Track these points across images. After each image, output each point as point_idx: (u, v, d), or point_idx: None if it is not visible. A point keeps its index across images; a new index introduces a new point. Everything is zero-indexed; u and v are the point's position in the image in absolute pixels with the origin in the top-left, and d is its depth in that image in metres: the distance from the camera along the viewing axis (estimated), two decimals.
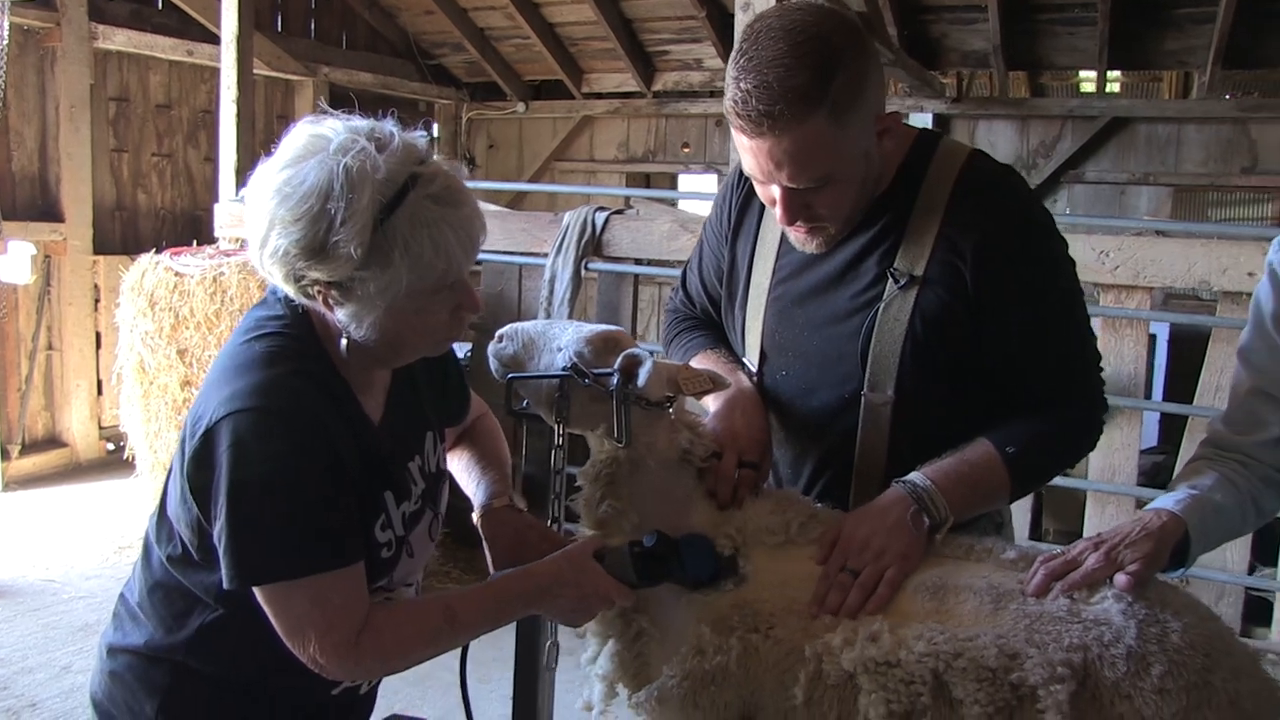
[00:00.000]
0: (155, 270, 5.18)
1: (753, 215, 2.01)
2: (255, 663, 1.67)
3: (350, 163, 1.46)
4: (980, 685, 1.45)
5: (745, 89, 1.63)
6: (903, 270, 1.78)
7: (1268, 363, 1.82)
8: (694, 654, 1.64)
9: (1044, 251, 1.82)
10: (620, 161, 9.96)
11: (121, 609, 1.78)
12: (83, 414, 7.14)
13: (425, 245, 1.50)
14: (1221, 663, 1.45)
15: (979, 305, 1.77)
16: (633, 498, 1.77)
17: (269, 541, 1.50)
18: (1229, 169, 7.84)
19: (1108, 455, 4.58)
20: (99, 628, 4.57)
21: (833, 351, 1.86)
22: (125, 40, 7.27)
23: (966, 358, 1.81)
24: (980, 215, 1.77)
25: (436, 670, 4.03)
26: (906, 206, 1.82)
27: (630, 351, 1.76)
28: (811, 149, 1.66)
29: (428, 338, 1.63)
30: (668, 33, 8.82)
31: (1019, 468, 1.78)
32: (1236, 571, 4.42)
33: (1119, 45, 7.41)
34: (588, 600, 1.65)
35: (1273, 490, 1.84)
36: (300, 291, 1.56)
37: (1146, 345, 4.55)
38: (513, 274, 5.26)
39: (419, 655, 1.63)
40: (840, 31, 1.66)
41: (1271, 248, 1.81)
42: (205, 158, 8.04)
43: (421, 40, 9.66)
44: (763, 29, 1.66)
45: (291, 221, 1.47)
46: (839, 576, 1.65)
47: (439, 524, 1.87)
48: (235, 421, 1.48)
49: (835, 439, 1.89)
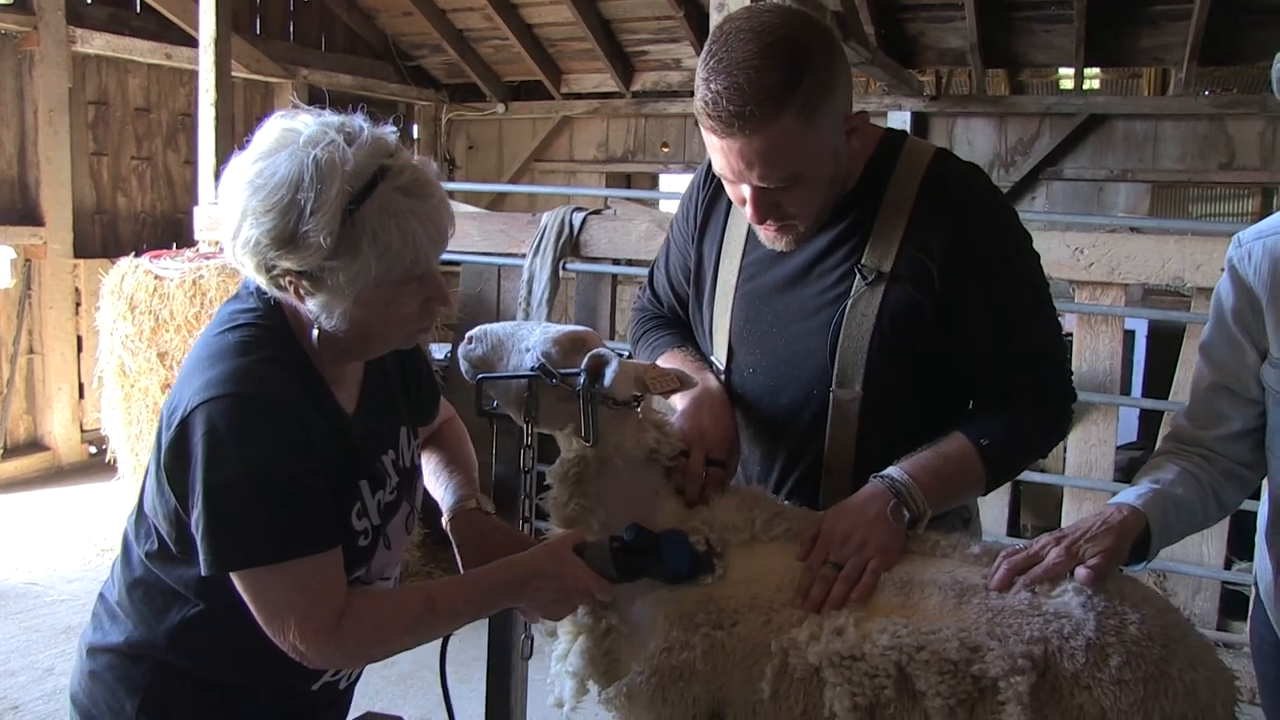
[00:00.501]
0: (135, 273, 5.19)
1: (719, 213, 2.02)
2: (235, 657, 1.68)
3: (320, 154, 1.49)
4: (942, 677, 1.48)
5: (716, 90, 1.64)
6: (870, 266, 1.81)
7: (1228, 358, 1.85)
8: (662, 650, 1.65)
9: (1011, 247, 1.85)
10: (600, 161, 9.96)
11: (100, 608, 1.79)
12: (64, 417, 7.13)
13: (393, 235, 1.52)
14: (1178, 653, 1.47)
15: (947, 301, 1.79)
16: (600, 496, 1.78)
17: (246, 527, 1.51)
18: (1206, 165, 7.89)
19: (1084, 451, 4.62)
20: (81, 630, 4.58)
21: (800, 347, 1.88)
22: (104, 44, 7.26)
23: (934, 353, 1.84)
24: (948, 212, 1.80)
25: (418, 670, 4.06)
26: (873, 204, 1.84)
27: (596, 351, 1.77)
28: (781, 149, 1.68)
29: (398, 329, 1.65)
30: (646, 33, 8.84)
31: (994, 460, 1.81)
32: (1213, 566, 4.46)
33: (1096, 43, 7.45)
34: (567, 593, 1.66)
35: (1234, 483, 1.88)
36: (272, 282, 1.58)
37: (1121, 341, 4.58)
38: (491, 275, 5.27)
39: (399, 643, 1.63)
40: (808, 33, 1.69)
41: (1230, 245, 1.84)
42: (185, 161, 8.04)
43: (400, 42, 9.66)
44: (732, 30, 1.68)
45: (263, 212, 1.50)
46: (822, 570, 1.66)
47: (415, 518, 1.88)
48: (209, 409, 1.50)
49: (804, 435, 1.91)
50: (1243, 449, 1.87)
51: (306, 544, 1.54)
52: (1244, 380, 1.84)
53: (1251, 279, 1.80)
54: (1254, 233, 1.82)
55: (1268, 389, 1.81)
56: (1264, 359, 1.81)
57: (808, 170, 1.74)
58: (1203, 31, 6.95)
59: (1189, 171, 7.95)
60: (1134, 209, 8.11)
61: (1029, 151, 8.34)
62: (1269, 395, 1.81)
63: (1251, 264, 1.79)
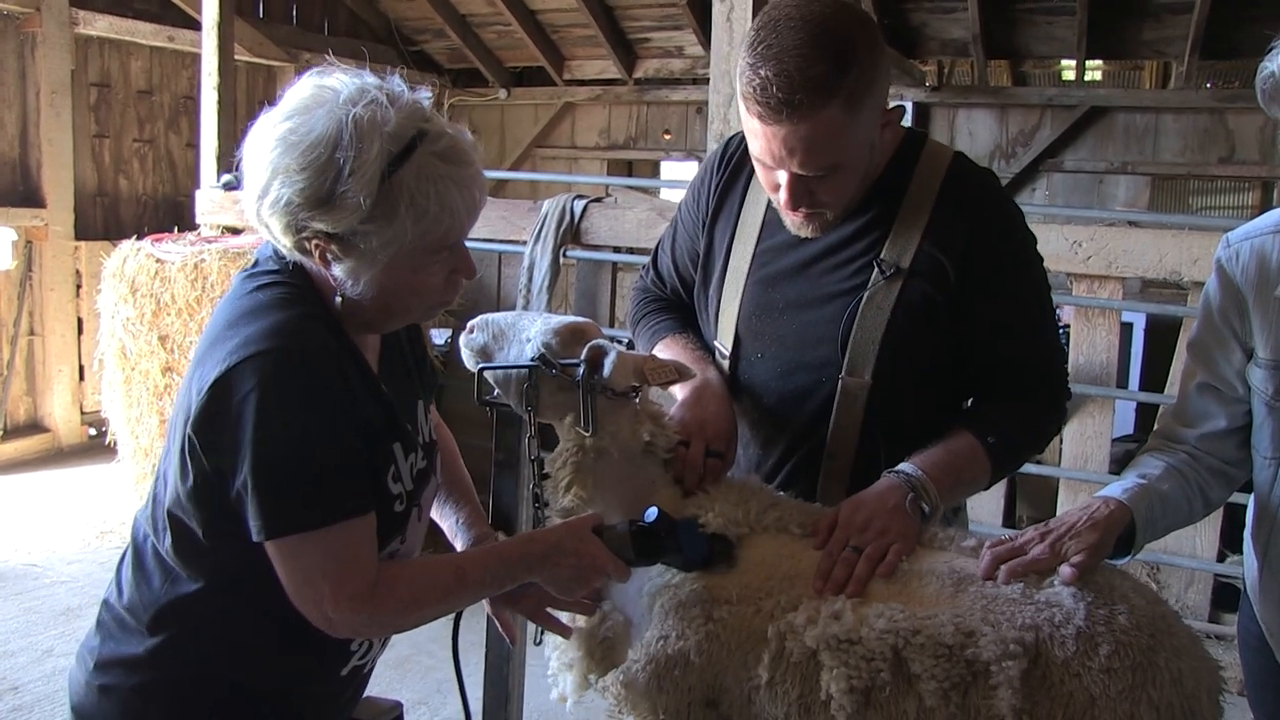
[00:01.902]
0: (137, 256, 5.20)
1: (734, 198, 2.04)
2: (266, 651, 1.64)
3: (361, 113, 1.45)
4: (937, 661, 1.51)
5: (765, 75, 1.66)
6: (889, 261, 1.85)
7: (1215, 357, 1.88)
8: (658, 639, 1.68)
9: (1024, 251, 1.92)
10: (602, 148, 9.97)
11: (106, 616, 1.69)
12: (64, 399, 7.15)
13: (431, 201, 1.48)
14: (1165, 643, 1.51)
15: (962, 300, 1.85)
16: (598, 485, 1.80)
17: (296, 489, 1.47)
18: (1207, 158, 7.90)
19: (1080, 443, 4.65)
20: (81, 612, 4.62)
21: (812, 335, 1.92)
22: (106, 26, 7.26)
23: (942, 348, 1.90)
24: (967, 214, 1.86)
25: (415, 654, 4.09)
26: (895, 200, 1.88)
27: (595, 343, 1.79)
28: (825, 138, 1.71)
29: (421, 299, 1.61)
30: (649, 20, 8.83)
31: (999, 456, 1.87)
32: (1205, 558, 4.49)
33: (1097, 35, 7.45)
34: (585, 571, 1.64)
35: (1220, 480, 1.90)
36: (297, 245, 1.52)
37: (1118, 334, 4.60)
38: (492, 261, 5.29)
39: (431, 611, 1.60)
40: (856, 24, 1.73)
41: (1219, 245, 1.87)
42: (187, 144, 8.03)
43: (403, 26, 9.65)
44: (781, 18, 1.71)
45: (297, 170, 1.45)
46: (844, 554, 1.69)
47: (436, 491, 1.86)
48: (254, 365, 1.44)
49: (810, 420, 1.94)
50: (1228, 447, 1.90)
51: (351, 507, 1.50)
52: (1230, 379, 1.87)
53: (1239, 279, 1.82)
54: (1242, 233, 1.85)
55: (1253, 388, 1.83)
56: (1249, 358, 1.83)
57: (846, 160, 1.78)
58: (1204, 25, 6.96)
59: (1189, 164, 7.97)
60: (1134, 201, 8.12)
61: (1030, 143, 8.36)
62: (1254, 394, 1.83)
63: (1239, 264, 1.82)
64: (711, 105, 4.47)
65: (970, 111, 8.53)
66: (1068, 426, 4.71)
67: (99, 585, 4.88)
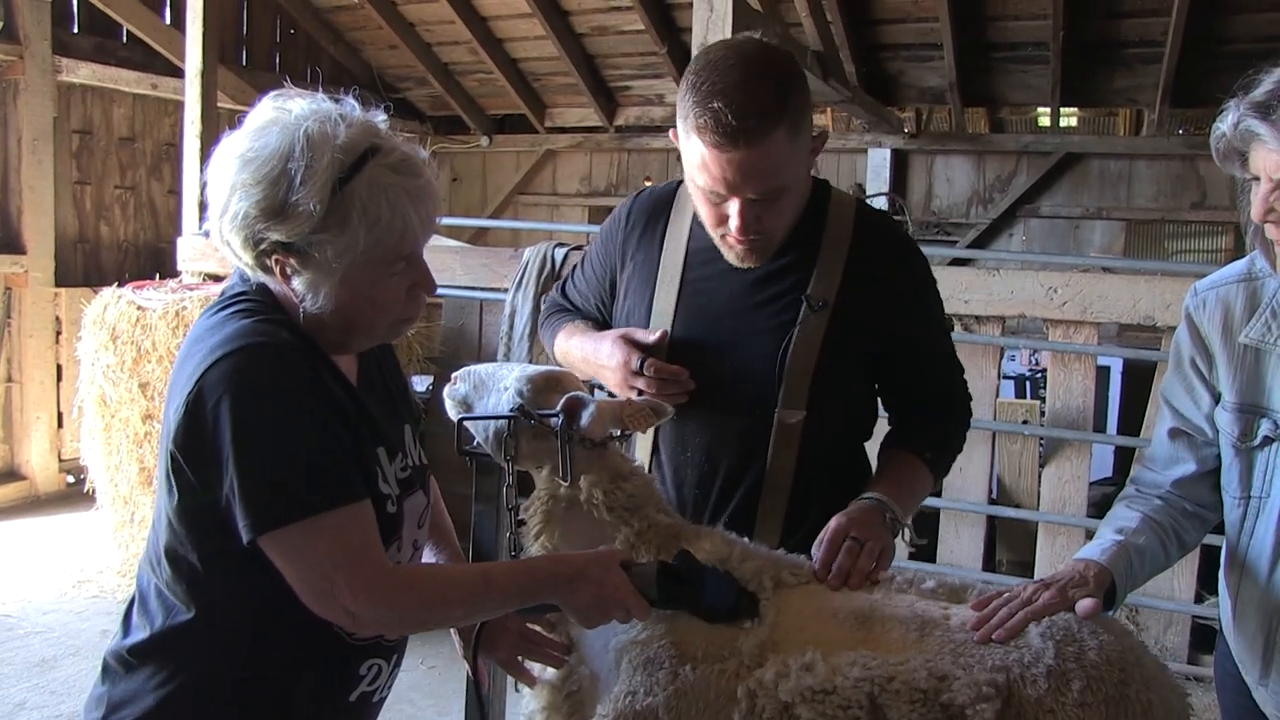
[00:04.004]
0: (117, 304, 5.20)
1: (650, 246, 2.13)
2: (276, 672, 1.63)
3: (313, 127, 1.50)
4: (913, 706, 1.52)
5: (716, 107, 1.77)
6: (817, 297, 1.97)
7: (1185, 403, 1.94)
8: (625, 695, 1.66)
9: (931, 282, 2.12)
10: (583, 195, 10.05)
11: (113, 661, 1.68)
12: (42, 447, 7.10)
13: (383, 209, 1.52)
14: (1135, 675, 1.54)
15: (885, 330, 2.02)
16: (565, 536, 1.81)
17: (283, 477, 1.47)
18: (1179, 204, 8.03)
19: (1058, 487, 4.68)
20: (56, 663, 4.57)
21: (745, 371, 2.00)
22: (89, 73, 7.30)
23: (864, 376, 2.08)
24: (883, 252, 2.05)
25: (397, 703, 4.04)
26: (813, 240, 2.01)
27: (573, 394, 1.81)
28: (775, 160, 1.82)
29: (383, 314, 1.63)
30: (629, 68, 8.94)
31: (938, 468, 2.11)
32: (1184, 600, 4.52)
33: (1071, 83, 7.58)
34: (606, 602, 1.63)
35: (1195, 523, 1.96)
36: (258, 260, 1.56)
37: (1094, 379, 4.65)
38: (474, 309, 5.31)
39: (454, 611, 1.62)
40: (786, 59, 1.89)
41: (1188, 294, 1.92)
42: (169, 190, 8.05)
43: (386, 74, 9.73)
44: (718, 59, 1.84)
45: (253, 185, 1.50)
46: (847, 544, 1.78)
47: (429, 514, 1.85)
48: (227, 363, 1.47)
49: (746, 455, 2.01)
50: (1201, 490, 1.95)
51: (344, 491, 1.50)
52: (1199, 424, 1.92)
53: (1206, 327, 1.88)
54: (1208, 283, 1.91)
55: (1220, 431, 1.88)
56: (1217, 402, 1.88)
57: (792, 182, 1.90)
58: (1174, 74, 7.09)
59: (1162, 210, 8.09)
60: (1110, 246, 8.23)
61: (1007, 189, 8.47)
62: (1221, 436, 1.88)
63: (1206, 312, 1.88)
64: None
65: (948, 158, 8.64)
66: (1045, 470, 4.75)
67: (75, 636, 4.83)
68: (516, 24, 8.60)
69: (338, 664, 1.64)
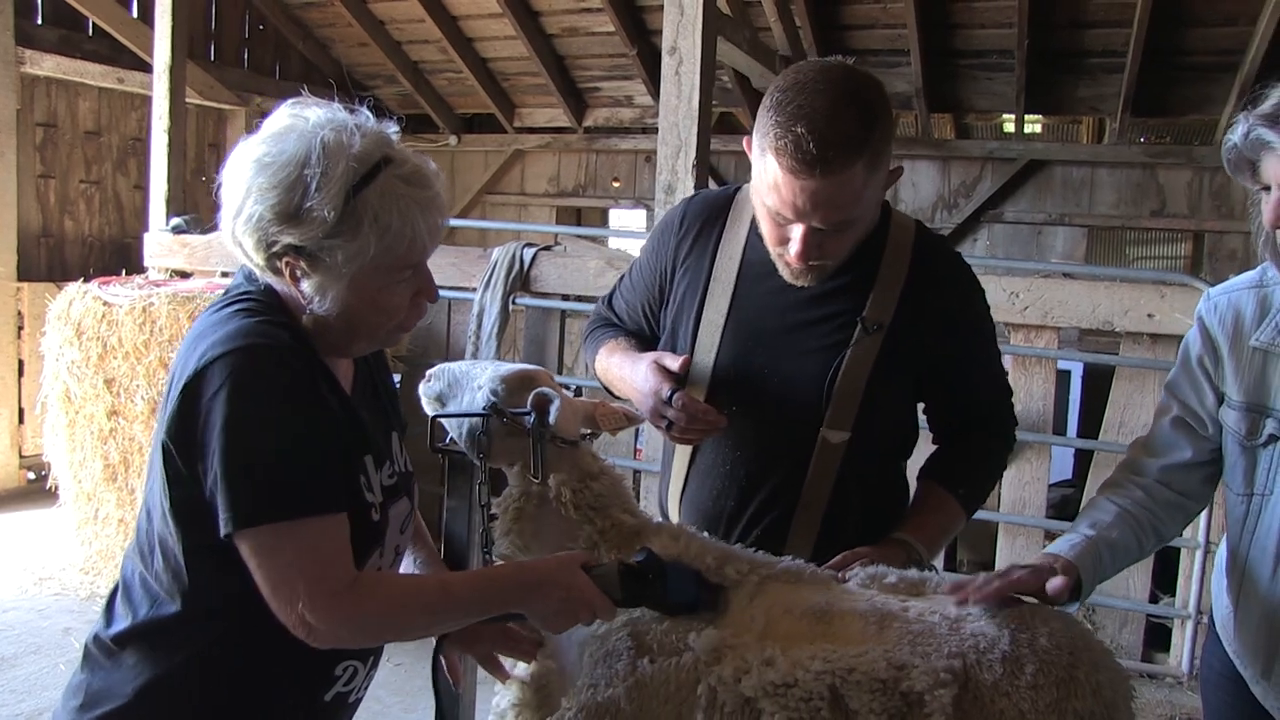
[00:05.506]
0: (83, 299, 5.17)
1: (703, 255, 2.10)
2: (254, 673, 1.65)
3: (329, 136, 1.55)
4: (874, 695, 1.58)
5: (799, 132, 1.73)
6: (873, 319, 1.96)
7: (1190, 396, 2.04)
8: (587, 687, 1.70)
9: (985, 310, 2.12)
10: (551, 195, 10.06)
11: (95, 648, 1.69)
12: (3, 443, 7.03)
13: (394, 218, 1.57)
14: (1084, 659, 1.62)
15: (937, 356, 2.02)
16: (535, 534, 1.84)
17: (266, 478, 1.50)
18: (1139, 211, 8.15)
19: (1018, 489, 4.76)
20: (17, 661, 4.53)
21: (791, 388, 2.00)
22: (54, 66, 7.24)
23: (911, 400, 2.09)
24: (940, 277, 2.03)
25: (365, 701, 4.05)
26: (873, 261, 1.99)
27: (540, 390, 1.83)
28: (849, 193, 1.80)
29: (386, 319, 1.67)
30: (599, 69, 8.97)
31: (970, 505, 2.10)
32: (1138, 599, 4.61)
33: (1035, 91, 7.69)
34: (572, 605, 1.65)
35: (1176, 513, 2.06)
36: (268, 262, 1.60)
37: (1054, 383, 4.73)
38: (442, 308, 5.32)
39: (413, 624, 1.63)
40: (873, 87, 1.83)
41: (1201, 300, 2.03)
42: (135, 185, 8.01)
43: (355, 72, 9.71)
44: (806, 81, 1.79)
45: (269, 189, 1.54)
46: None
47: (412, 520, 1.87)
48: (228, 360, 1.50)
49: (782, 473, 2.02)
50: (1190, 480, 2.05)
51: (324, 500, 1.53)
52: (1202, 417, 2.02)
53: (1216, 329, 1.98)
54: (1221, 289, 2.01)
55: (1226, 429, 1.97)
56: (1221, 401, 1.98)
57: (861, 215, 1.87)
58: (1135, 84, 7.21)
59: (1123, 217, 8.21)
60: (1072, 252, 8.35)
61: (971, 194, 8.56)
62: (1226, 434, 1.98)
63: (1217, 315, 1.98)
64: (660, 155, 4.57)
65: (914, 163, 8.72)
66: (1007, 473, 4.82)
67: (36, 634, 4.79)
68: (487, 23, 8.62)
69: (313, 665, 1.66)
